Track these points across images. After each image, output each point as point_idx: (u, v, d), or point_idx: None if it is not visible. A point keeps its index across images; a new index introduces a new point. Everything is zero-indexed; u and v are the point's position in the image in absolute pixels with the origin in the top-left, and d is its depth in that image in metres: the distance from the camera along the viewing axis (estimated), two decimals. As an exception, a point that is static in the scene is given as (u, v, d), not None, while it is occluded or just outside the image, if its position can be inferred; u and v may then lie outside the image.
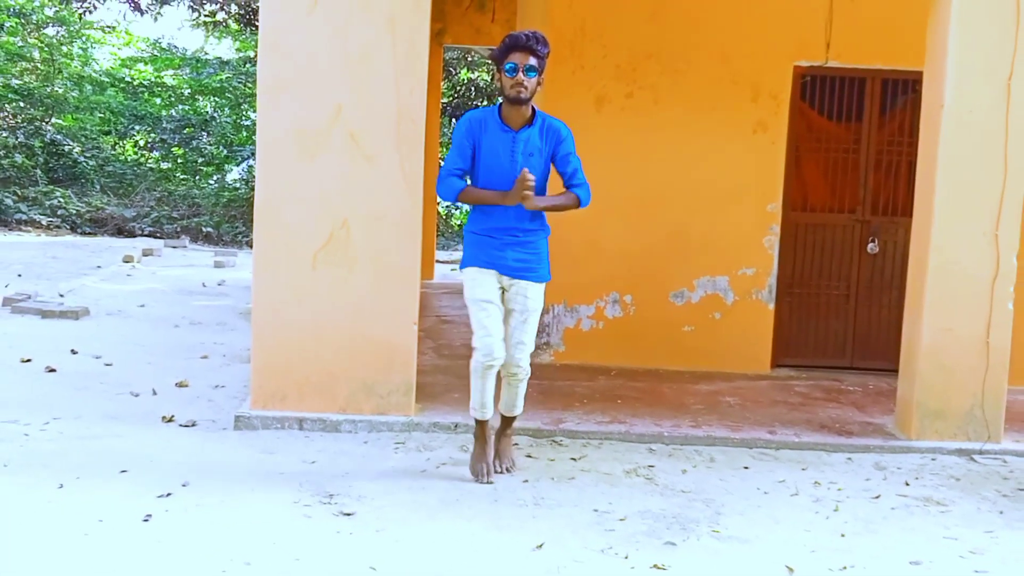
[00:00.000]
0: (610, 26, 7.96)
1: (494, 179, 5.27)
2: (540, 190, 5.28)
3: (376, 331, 6.02)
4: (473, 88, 21.95)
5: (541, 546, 4.36)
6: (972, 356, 6.21)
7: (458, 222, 21.66)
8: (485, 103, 21.58)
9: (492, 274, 5.35)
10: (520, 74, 5.09)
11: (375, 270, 6.00)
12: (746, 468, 5.75)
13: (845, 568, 4.32)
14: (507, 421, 5.59)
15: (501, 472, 5.42)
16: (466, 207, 6.33)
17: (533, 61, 5.10)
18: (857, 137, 8.34)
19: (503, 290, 5.39)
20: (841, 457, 6.07)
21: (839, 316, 8.46)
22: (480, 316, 5.31)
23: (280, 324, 6.03)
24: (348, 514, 4.64)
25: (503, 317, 5.37)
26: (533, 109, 5.28)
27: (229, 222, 19.59)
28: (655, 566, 4.22)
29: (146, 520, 4.43)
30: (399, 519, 4.60)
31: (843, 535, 4.75)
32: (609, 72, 7.98)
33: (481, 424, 5.48)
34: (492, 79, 19.41)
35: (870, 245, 8.34)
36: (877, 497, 5.35)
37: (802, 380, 8.01)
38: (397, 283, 6.02)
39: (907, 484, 5.60)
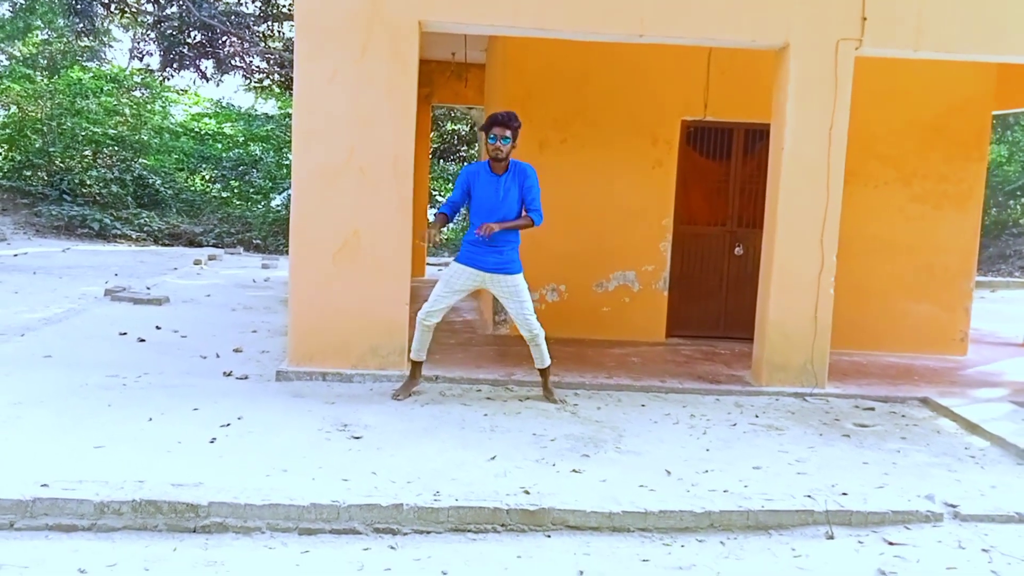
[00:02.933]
0: (549, 91, 8.09)
1: (484, 207, 5.66)
2: (516, 211, 5.69)
3: (378, 309, 6.14)
4: (456, 137, 21.98)
5: (494, 458, 4.57)
6: (804, 327, 6.42)
7: (444, 237, 21.68)
8: (465, 148, 21.65)
9: (472, 271, 5.71)
10: (499, 142, 5.55)
11: (377, 266, 6.11)
12: (643, 406, 5.92)
13: (707, 471, 4.55)
14: (542, 373, 5.94)
15: (560, 403, 5.83)
16: (453, 224, 6.33)
17: (508, 133, 5.55)
18: (727, 171, 8.48)
19: (481, 283, 5.74)
20: (711, 399, 6.25)
21: (715, 300, 8.59)
22: (441, 291, 5.72)
23: (309, 305, 6.15)
24: (357, 437, 4.81)
25: (458, 301, 5.78)
26: (508, 161, 5.66)
27: (273, 236, 19.54)
28: (573, 470, 4.44)
29: (212, 442, 4.60)
30: (393, 441, 4.77)
31: (708, 449, 4.97)
32: (548, 124, 8.08)
33: (414, 364, 5.84)
34: (475, 135, 19.55)
35: (736, 249, 8.51)
36: (734, 425, 5.56)
37: (688, 346, 8.14)
38: (393, 275, 6.13)
39: (757, 416, 5.80)
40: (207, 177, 22.97)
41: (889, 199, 8.27)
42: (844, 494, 4.26)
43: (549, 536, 3.79)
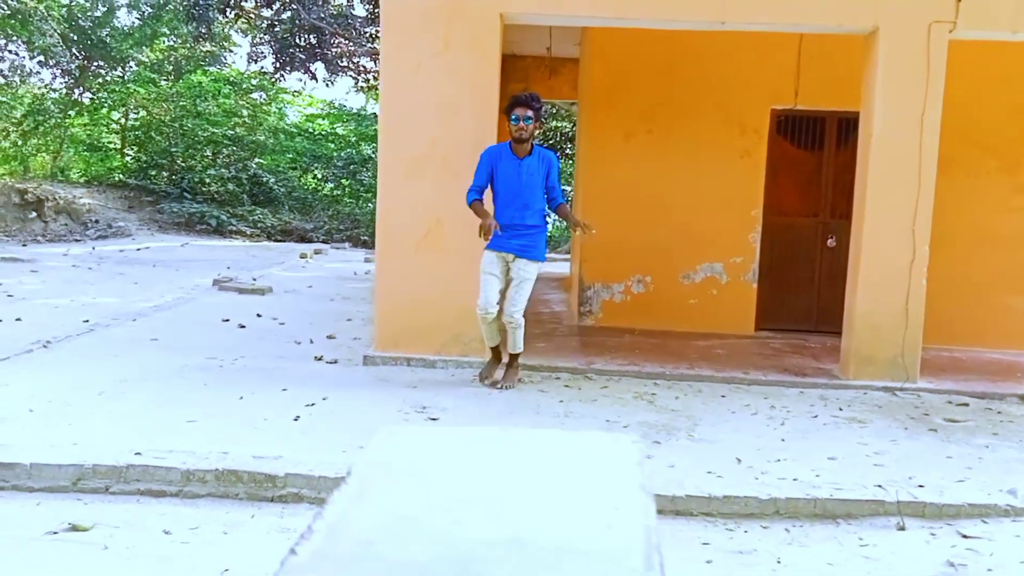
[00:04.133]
0: (635, 82, 8.06)
1: (506, 191, 5.65)
2: (540, 195, 5.68)
3: (460, 298, 6.17)
4: (559, 134, 21.78)
5: (564, 441, 4.64)
6: (895, 319, 6.22)
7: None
8: (569, 145, 21.58)
9: (499, 255, 5.69)
10: (521, 122, 5.51)
11: (459, 254, 6.17)
12: (723, 396, 5.86)
13: (780, 460, 4.46)
14: (512, 357, 5.89)
15: (502, 389, 5.73)
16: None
17: (530, 113, 5.51)
18: (819, 161, 8.28)
19: (508, 266, 5.70)
20: (795, 391, 6.11)
21: (806, 293, 8.38)
22: (483, 282, 5.67)
23: (394, 292, 6.30)
24: (434, 419, 4.92)
25: (504, 287, 5.72)
26: (532, 144, 5.63)
27: (380, 232, 20.07)
28: (642, 456, 4.48)
29: (296, 419, 4.80)
30: (469, 422, 4.86)
31: (783, 440, 4.88)
32: (634, 115, 8.05)
33: (492, 349, 5.87)
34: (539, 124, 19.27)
35: (829, 241, 8.29)
36: (815, 417, 5.43)
37: (777, 339, 7.96)
38: (475, 264, 6.11)
39: (840, 409, 5.65)
40: (319, 176, 23.70)
41: (991, 189, 7.88)
42: (920, 486, 4.11)
43: (610, 517, 3.80)
